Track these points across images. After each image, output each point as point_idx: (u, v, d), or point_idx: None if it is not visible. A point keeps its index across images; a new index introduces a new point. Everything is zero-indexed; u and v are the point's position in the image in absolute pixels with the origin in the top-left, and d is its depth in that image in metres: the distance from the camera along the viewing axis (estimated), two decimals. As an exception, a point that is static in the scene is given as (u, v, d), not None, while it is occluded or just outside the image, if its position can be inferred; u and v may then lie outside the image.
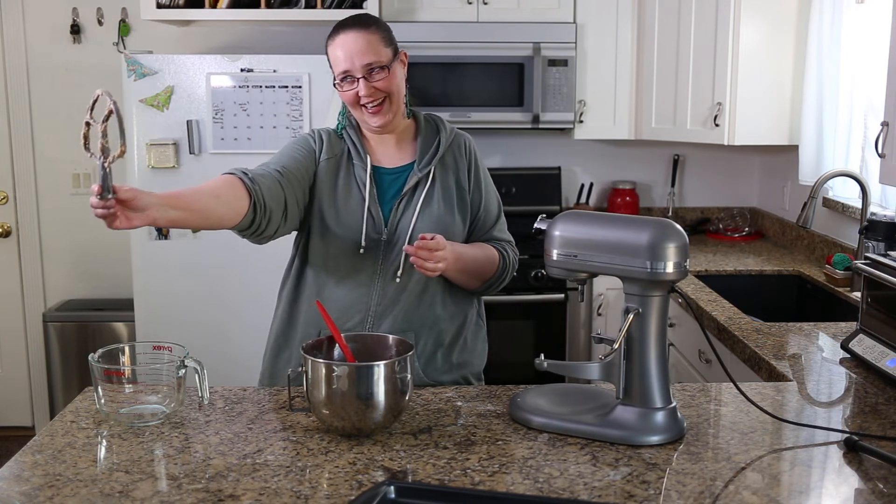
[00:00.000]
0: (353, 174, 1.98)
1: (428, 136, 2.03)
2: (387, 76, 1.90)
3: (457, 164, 2.03)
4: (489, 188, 2.08)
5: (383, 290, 1.95)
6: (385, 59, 1.90)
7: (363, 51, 1.87)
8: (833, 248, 3.34)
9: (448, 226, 1.97)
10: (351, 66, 1.88)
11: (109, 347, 1.70)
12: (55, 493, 1.37)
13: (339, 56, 1.89)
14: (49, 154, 4.18)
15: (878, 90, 2.96)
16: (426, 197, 1.97)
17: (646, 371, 1.58)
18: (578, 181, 4.29)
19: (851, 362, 2.09)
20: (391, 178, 2.00)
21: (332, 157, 1.99)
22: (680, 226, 1.58)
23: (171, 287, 3.57)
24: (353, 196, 1.96)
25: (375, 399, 1.55)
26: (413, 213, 1.96)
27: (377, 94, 1.90)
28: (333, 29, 1.93)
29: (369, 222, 1.95)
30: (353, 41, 1.87)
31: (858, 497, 1.40)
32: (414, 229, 1.94)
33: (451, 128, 2.07)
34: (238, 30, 4.12)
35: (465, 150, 2.05)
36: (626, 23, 3.86)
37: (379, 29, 1.91)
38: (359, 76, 1.88)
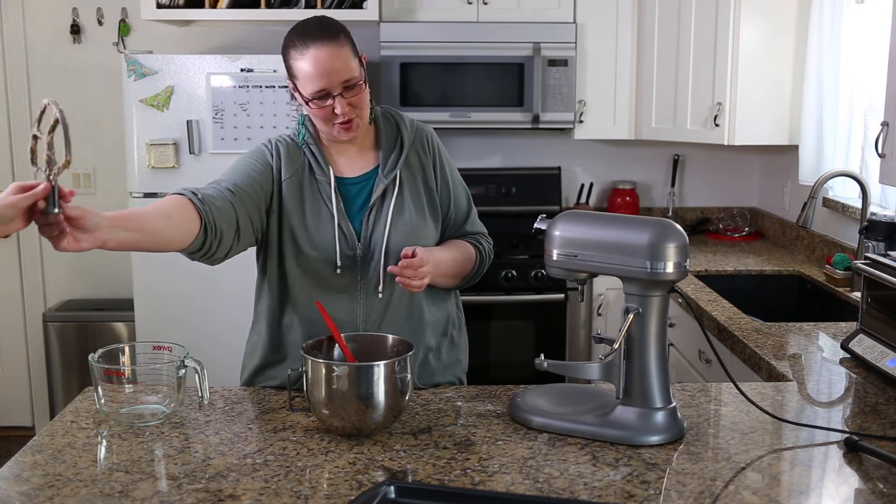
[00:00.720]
0: (318, 189, 1.89)
1: (388, 137, 1.95)
2: (361, 91, 1.82)
3: (422, 164, 1.96)
4: (457, 183, 2.02)
5: (367, 306, 1.89)
6: (358, 72, 1.81)
7: (339, 68, 1.77)
8: (833, 248, 3.34)
9: (421, 232, 1.92)
10: (328, 84, 1.77)
11: (109, 347, 1.71)
12: (55, 493, 1.37)
13: (311, 73, 1.77)
14: (49, 154, 4.17)
15: (878, 90, 2.96)
16: (396, 205, 1.90)
17: (646, 371, 1.58)
18: (578, 181, 4.29)
19: (851, 362, 2.09)
20: (356, 187, 1.92)
21: (294, 175, 1.89)
22: (680, 226, 1.58)
23: (171, 287, 3.57)
24: (322, 213, 1.88)
25: (375, 399, 1.55)
26: (385, 224, 1.88)
27: (352, 111, 1.81)
28: (296, 37, 1.80)
29: (341, 239, 1.87)
30: (328, 58, 1.76)
31: (858, 497, 1.40)
32: (388, 241, 1.87)
33: (412, 122, 1.99)
34: (238, 30, 4.13)
35: (428, 147, 1.98)
36: (626, 23, 3.86)
37: (346, 38, 1.81)
38: (336, 94, 1.79)
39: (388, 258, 1.88)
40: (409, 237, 1.89)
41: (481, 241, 2.03)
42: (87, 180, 4.19)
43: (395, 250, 1.87)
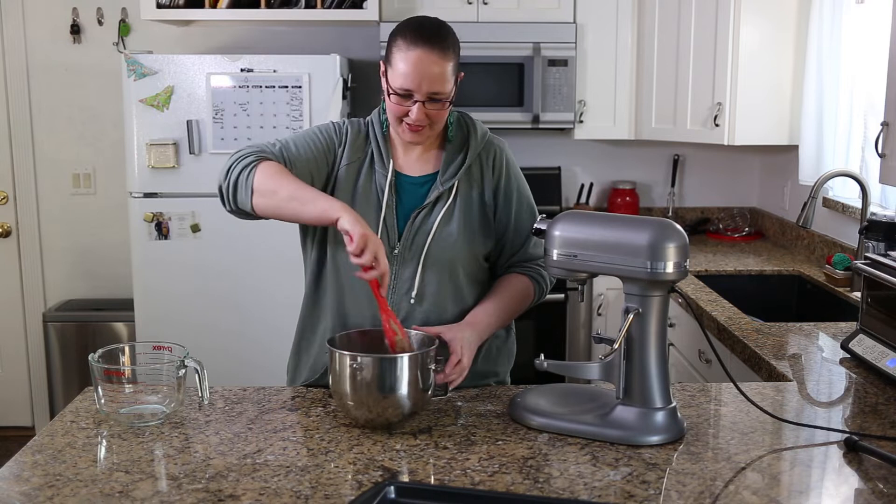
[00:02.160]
0: (374, 180, 1.87)
1: (456, 144, 1.91)
2: (443, 107, 1.80)
3: (482, 178, 1.92)
4: (522, 203, 1.95)
5: (397, 306, 1.87)
6: (449, 89, 1.79)
7: (434, 80, 1.75)
8: (833, 248, 3.34)
9: (464, 246, 1.88)
10: (416, 88, 1.75)
11: (109, 347, 1.70)
12: (55, 493, 1.37)
13: (405, 71, 1.75)
14: (49, 154, 4.18)
15: (878, 90, 2.96)
16: (446, 215, 1.86)
17: (646, 371, 1.58)
18: (578, 181, 4.29)
19: (851, 362, 2.09)
20: (413, 187, 1.89)
21: (354, 162, 1.88)
22: (680, 226, 1.58)
23: (171, 287, 3.57)
24: (372, 204, 1.86)
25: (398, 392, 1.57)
26: (430, 230, 1.85)
27: (426, 120, 1.79)
28: (411, 31, 1.78)
29: (383, 234, 1.85)
30: (429, 66, 1.74)
31: (858, 497, 1.40)
32: (429, 247, 1.85)
33: (484, 133, 1.94)
34: (238, 30, 4.12)
35: (493, 162, 1.93)
36: (626, 23, 3.86)
37: (454, 55, 1.80)
38: (418, 100, 1.76)
39: (427, 264, 1.86)
40: (451, 249, 1.87)
41: (540, 269, 1.95)
42: (87, 180, 4.19)
43: (435, 258, 1.86)
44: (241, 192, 1.75)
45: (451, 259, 1.87)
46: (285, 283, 3.47)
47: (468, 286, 1.92)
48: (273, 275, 3.53)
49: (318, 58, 3.49)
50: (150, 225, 3.56)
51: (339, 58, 3.53)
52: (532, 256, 1.96)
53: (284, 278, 3.49)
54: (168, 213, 3.54)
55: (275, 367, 3.49)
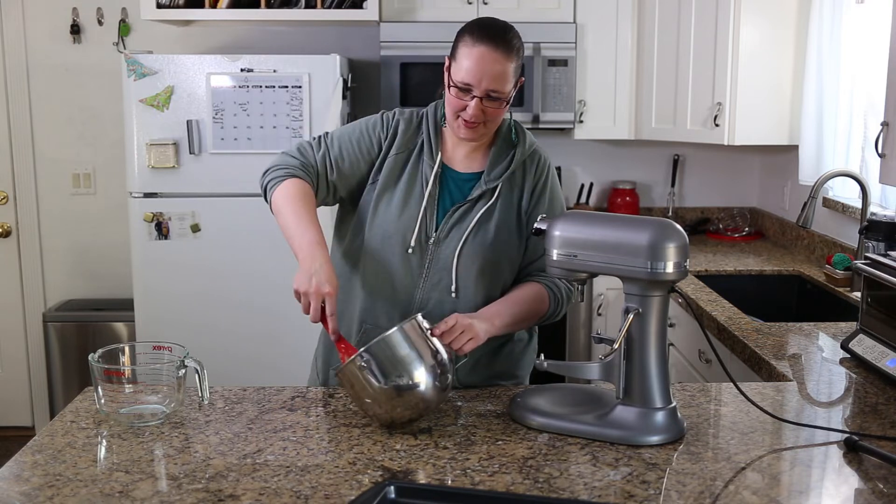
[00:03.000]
0: (421, 170, 1.92)
1: (504, 147, 1.94)
2: (500, 107, 1.83)
3: (524, 184, 1.95)
4: (554, 208, 1.97)
5: (426, 295, 1.90)
6: (509, 90, 1.82)
7: (496, 77, 1.79)
8: (833, 248, 3.34)
9: (499, 247, 1.90)
10: (475, 83, 1.79)
11: (109, 347, 1.70)
12: (55, 493, 1.37)
13: (468, 67, 1.79)
14: (49, 154, 4.18)
15: (878, 90, 2.96)
16: (485, 213, 1.90)
17: (646, 371, 1.58)
18: (578, 181, 4.29)
19: (851, 362, 2.09)
20: (458, 182, 1.93)
21: (403, 152, 1.93)
22: (680, 226, 1.58)
23: (171, 287, 3.57)
24: (414, 194, 1.91)
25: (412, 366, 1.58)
26: (467, 227, 1.89)
27: (482, 117, 1.83)
28: (479, 29, 1.82)
29: (423, 223, 1.89)
30: (491, 63, 1.78)
31: (858, 497, 1.40)
32: (464, 244, 1.88)
33: (531, 143, 1.98)
34: (238, 30, 4.12)
35: (536, 169, 1.96)
36: (626, 23, 3.86)
37: (518, 57, 1.83)
38: (477, 96, 1.80)
39: (460, 259, 1.89)
40: (485, 248, 1.89)
41: (560, 283, 1.96)
42: (87, 180, 4.19)
43: (469, 254, 1.89)
44: (267, 197, 1.92)
45: (484, 257, 1.90)
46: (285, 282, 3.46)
47: (500, 290, 1.94)
48: (273, 275, 3.52)
49: (318, 58, 3.49)
50: (150, 225, 3.56)
51: (339, 58, 3.53)
52: None
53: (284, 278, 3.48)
54: (168, 213, 3.54)
55: (275, 366, 3.51)
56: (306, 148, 1.94)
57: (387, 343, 1.58)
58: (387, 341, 1.58)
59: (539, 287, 1.94)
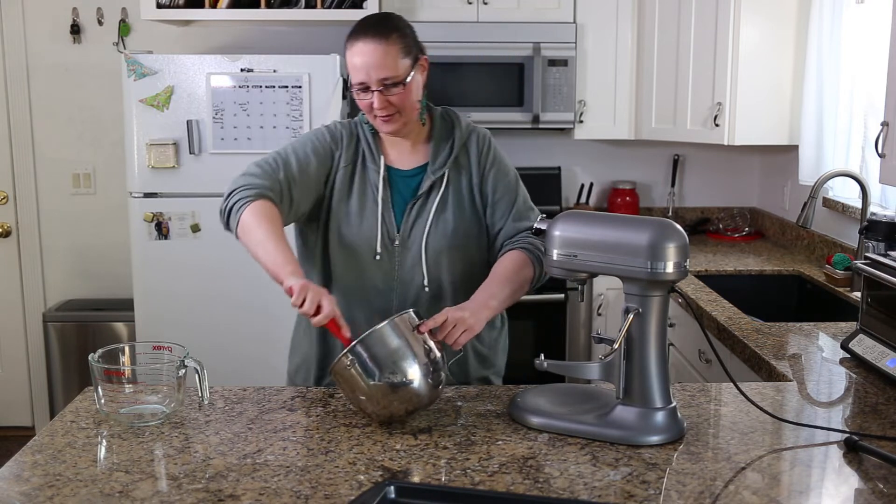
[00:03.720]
0: (367, 178, 1.95)
1: (442, 135, 1.98)
2: (402, 91, 1.85)
3: (470, 165, 1.99)
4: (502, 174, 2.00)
5: (403, 295, 1.93)
6: (402, 72, 1.84)
7: (380, 65, 1.81)
8: (833, 248, 3.34)
9: (462, 231, 1.95)
10: (367, 78, 1.83)
11: (109, 347, 1.71)
12: (55, 493, 1.37)
13: (356, 64, 1.84)
14: (49, 154, 4.18)
15: (878, 90, 2.96)
16: (440, 202, 1.94)
17: (646, 371, 1.58)
18: (578, 181, 4.29)
19: (851, 362, 2.09)
20: (405, 180, 1.97)
21: (350, 164, 1.96)
22: (680, 226, 1.58)
23: (171, 287, 3.57)
24: (368, 201, 1.94)
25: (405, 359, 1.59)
26: (426, 220, 1.93)
27: (391, 107, 1.86)
28: (354, 30, 1.86)
29: (383, 228, 1.93)
30: (371, 53, 1.81)
31: (858, 497, 1.40)
32: (428, 236, 1.93)
33: (468, 124, 2.02)
34: (238, 30, 4.12)
35: (477, 146, 2.00)
36: (626, 23, 3.86)
37: (400, 38, 1.84)
38: (374, 89, 1.84)
39: (428, 253, 1.93)
40: (449, 236, 1.93)
41: (532, 240, 1.97)
42: (87, 180, 4.19)
43: (435, 246, 1.93)
44: (231, 221, 1.87)
45: (451, 246, 1.94)
46: (285, 283, 3.46)
47: (473, 273, 1.97)
48: (273, 275, 3.52)
49: (318, 58, 3.49)
50: (150, 225, 3.56)
51: (339, 58, 3.53)
52: (521, 228, 1.99)
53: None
54: (168, 213, 3.54)
55: (275, 366, 3.50)
56: (265, 164, 1.93)
57: (378, 336, 1.60)
58: (378, 334, 1.60)
59: (519, 253, 1.95)
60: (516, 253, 1.95)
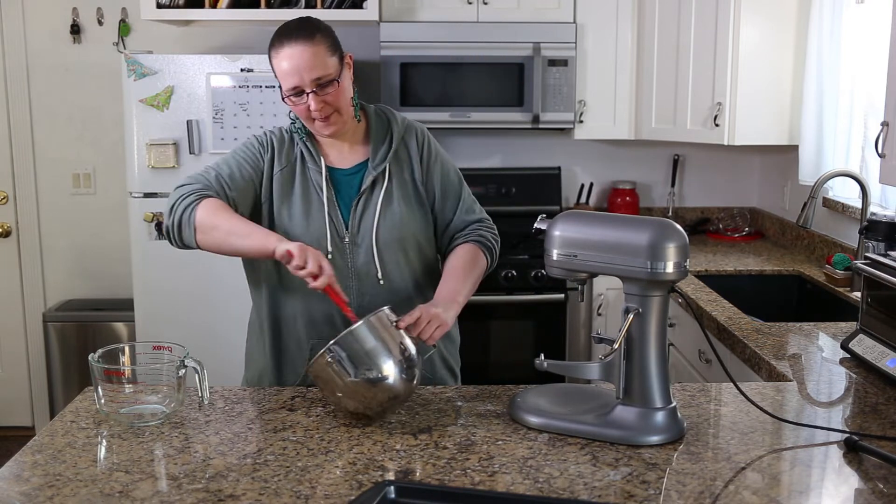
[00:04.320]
0: (310, 178, 1.96)
1: (379, 132, 2.00)
2: (336, 89, 1.87)
3: (410, 157, 2.01)
4: (445, 170, 2.04)
5: (359, 290, 1.94)
6: (333, 70, 1.86)
7: (311, 65, 1.83)
8: (833, 248, 3.34)
9: (409, 222, 1.97)
10: (300, 81, 1.84)
11: (109, 347, 1.71)
12: (55, 493, 1.37)
13: (285, 69, 1.84)
14: (49, 154, 4.18)
15: (878, 90, 2.96)
16: (385, 196, 1.96)
17: (646, 371, 1.58)
18: (578, 181, 4.29)
19: (851, 362, 2.09)
20: (347, 178, 1.98)
21: (287, 166, 1.96)
22: (680, 226, 1.58)
23: (171, 287, 3.57)
24: (312, 202, 1.94)
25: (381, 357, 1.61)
26: (374, 214, 1.94)
27: (327, 108, 1.87)
28: (276, 37, 1.87)
29: (331, 227, 1.93)
30: (300, 55, 1.82)
31: (858, 497, 1.40)
32: (377, 231, 1.94)
33: (403, 119, 2.05)
34: (238, 30, 4.12)
35: (416, 141, 2.02)
36: (626, 23, 3.86)
37: (324, 38, 1.86)
38: (308, 91, 1.84)
39: (379, 247, 1.94)
40: (398, 227, 1.96)
41: (485, 234, 2.04)
42: (87, 180, 4.19)
43: (386, 239, 1.95)
44: (186, 230, 1.87)
45: (401, 238, 1.97)
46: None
47: (424, 265, 2.03)
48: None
49: (318, 58, 3.49)
50: (150, 225, 3.56)
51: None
52: (468, 221, 2.05)
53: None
54: (168, 213, 3.54)
55: (275, 367, 3.51)
56: (198, 177, 1.94)
57: (355, 335, 1.61)
58: (355, 333, 1.61)
59: (469, 246, 2.01)
60: (469, 245, 2.01)
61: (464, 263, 1.97)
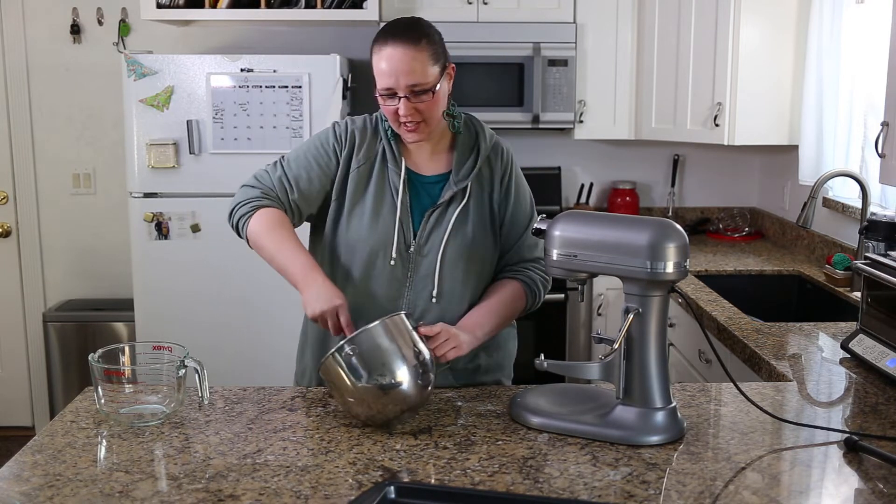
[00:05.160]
0: (387, 178, 1.90)
1: (466, 144, 1.93)
2: (430, 99, 1.80)
3: (492, 179, 1.95)
4: (520, 199, 1.98)
5: (412, 303, 1.90)
6: (431, 79, 1.79)
7: (409, 70, 1.76)
8: (833, 248, 3.34)
9: (479, 246, 1.92)
10: (395, 84, 1.77)
11: (109, 347, 1.71)
12: (55, 493, 1.37)
13: (383, 69, 1.78)
14: (49, 154, 4.18)
15: (878, 90, 2.96)
16: (460, 214, 1.89)
17: (646, 371, 1.58)
18: (578, 181, 4.29)
19: (851, 362, 2.09)
20: (426, 186, 1.92)
21: (367, 162, 1.90)
22: (680, 226, 1.58)
23: (171, 287, 3.57)
24: (385, 203, 1.89)
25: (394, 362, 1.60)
26: (445, 231, 1.89)
27: (417, 115, 1.80)
28: (382, 33, 1.81)
29: (400, 233, 1.88)
30: (401, 58, 1.76)
31: (858, 497, 1.40)
32: (445, 248, 1.88)
33: (491, 135, 1.97)
34: (238, 30, 4.12)
35: (501, 162, 1.96)
36: (626, 23, 3.86)
37: (429, 44, 1.79)
38: (402, 95, 1.78)
39: (444, 264, 1.89)
40: (467, 249, 1.90)
41: (533, 274, 1.97)
42: (87, 180, 4.19)
43: (452, 258, 1.89)
44: (241, 236, 1.92)
45: (468, 258, 1.90)
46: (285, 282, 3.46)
47: (481, 288, 1.96)
48: (273, 274, 3.51)
49: (318, 58, 3.49)
50: (150, 225, 3.56)
51: (339, 58, 3.53)
52: (525, 258, 1.98)
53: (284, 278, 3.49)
54: (168, 213, 3.55)
55: (275, 367, 3.51)
56: (263, 175, 1.93)
57: (369, 335, 1.60)
58: (369, 333, 1.60)
59: (514, 284, 1.95)
60: (516, 284, 1.95)
61: (500, 300, 1.91)
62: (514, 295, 1.94)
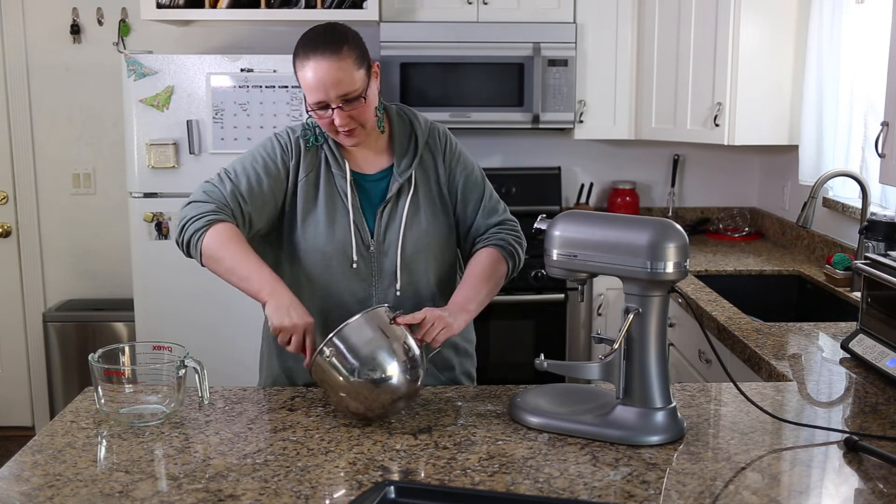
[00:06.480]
0: (334, 184, 1.91)
1: (402, 136, 1.95)
2: (363, 105, 1.81)
3: (435, 164, 1.98)
4: (468, 171, 1.99)
5: (381, 300, 1.92)
6: (360, 85, 1.79)
7: (337, 81, 1.76)
8: (833, 248, 3.34)
9: (435, 232, 1.95)
10: (325, 97, 1.77)
11: (109, 347, 1.71)
12: (55, 493, 1.37)
13: (310, 84, 1.78)
14: (49, 154, 4.18)
15: (878, 90, 2.96)
16: (411, 205, 1.92)
17: (646, 371, 1.58)
18: (578, 181, 4.29)
19: (851, 362, 2.09)
20: (372, 184, 1.94)
21: (313, 170, 1.91)
22: (680, 226, 1.58)
23: (171, 287, 3.57)
24: (338, 208, 1.90)
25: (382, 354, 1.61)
26: (400, 225, 1.91)
27: (352, 122, 1.81)
28: (302, 46, 1.80)
29: (356, 234, 1.90)
30: (327, 70, 1.75)
31: (858, 497, 1.40)
32: (404, 239, 1.91)
33: (425, 121, 2.00)
34: (238, 30, 4.12)
35: (439, 144, 1.98)
36: (626, 23, 3.86)
37: (351, 49, 1.79)
38: (334, 106, 1.78)
39: (404, 257, 1.91)
40: (424, 237, 1.93)
41: (503, 235, 1.98)
42: (87, 180, 4.19)
43: (411, 250, 1.91)
44: (193, 253, 1.84)
45: (426, 247, 1.94)
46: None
47: (444, 271, 1.99)
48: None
49: (318, 58, 3.49)
50: (150, 225, 3.56)
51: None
52: (490, 224, 1.99)
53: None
54: (168, 213, 3.55)
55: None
56: (212, 190, 1.88)
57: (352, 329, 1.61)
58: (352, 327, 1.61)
59: (489, 250, 1.95)
60: (489, 250, 1.96)
61: (481, 270, 1.91)
62: (493, 260, 1.94)
